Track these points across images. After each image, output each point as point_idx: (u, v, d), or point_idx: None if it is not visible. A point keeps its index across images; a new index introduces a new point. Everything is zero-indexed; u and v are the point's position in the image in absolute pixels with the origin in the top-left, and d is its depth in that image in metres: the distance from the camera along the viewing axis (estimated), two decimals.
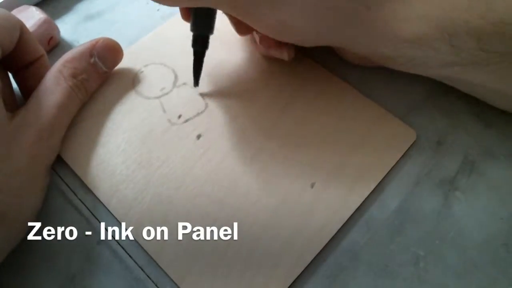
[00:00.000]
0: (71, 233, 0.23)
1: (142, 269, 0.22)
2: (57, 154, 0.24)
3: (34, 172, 0.22)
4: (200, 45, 0.25)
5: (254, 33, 0.26)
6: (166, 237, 0.22)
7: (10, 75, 0.25)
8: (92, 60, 0.25)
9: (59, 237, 0.23)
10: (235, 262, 0.21)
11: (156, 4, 0.32)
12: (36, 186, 0.22)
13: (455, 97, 0.26)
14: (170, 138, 0.25)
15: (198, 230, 0.22)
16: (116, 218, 0.23)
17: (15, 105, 0.25)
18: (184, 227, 0.22)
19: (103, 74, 0.27)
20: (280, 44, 0.25)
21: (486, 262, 0.21)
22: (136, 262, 0.22)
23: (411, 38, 0.21)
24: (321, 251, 0.22)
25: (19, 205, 0.21)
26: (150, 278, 0.21)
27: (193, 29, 0.25)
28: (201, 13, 0.24)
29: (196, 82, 0.26)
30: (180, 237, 0.22)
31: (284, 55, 0.26)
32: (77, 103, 0.25)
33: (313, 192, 0.23)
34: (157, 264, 0.22)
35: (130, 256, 0.22)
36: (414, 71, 0.24)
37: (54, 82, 0.24)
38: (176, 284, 0.21)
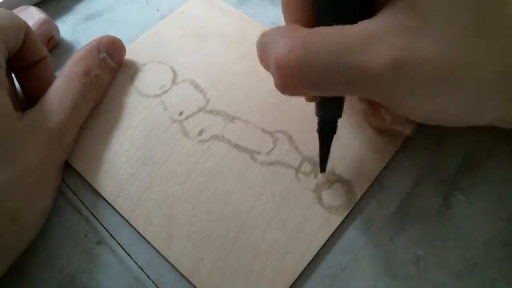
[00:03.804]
0: (71, 233, 0.23)
1: (142, 269, 0.22)
2: None
3: (45, 172, 0.22)
4: (328, 130, 0.22)
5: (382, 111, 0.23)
6: (173, 233, 0.22)
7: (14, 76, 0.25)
8: (101, 55, 0.26)
9: (58, 238, 0.23)
10: (243, 255, 0.21)
11: (156, 4, 0.33)
12: (47, 186, 0.22)
13: None
14: (173, 135, 0.25)
15: (205, 224, 0.22)
16: (116, 218, 0.23)
17: (18, 105, 0.25)
18: (191, 222, 0.22)
19: (112, 70, 0.27)
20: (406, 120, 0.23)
21: (486, 262, 0.21)
22: (136, 262, 0.22)
23: None
24: (321, 250, 0.22)
25: (31, 205, 0.21)
26: (150, 279, 0.21)
27: (320, 113, 0.21)
28: (332, 96, 0.20)
29: (323, 168, 0.23)
30: (187, 233, 0.22)
31: (407, 130, 0.23)
32: (90, 102, 0.25)
33: (317, 182, 0.23)
34: (157, 263, 0.22)
35: (130, 256, 0.22)
36: None
37: (67, 82, 0.24)
38: (186, 278, 0.21)
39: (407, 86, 0.17)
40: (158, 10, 0.32)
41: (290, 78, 0.17)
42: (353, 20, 0.17)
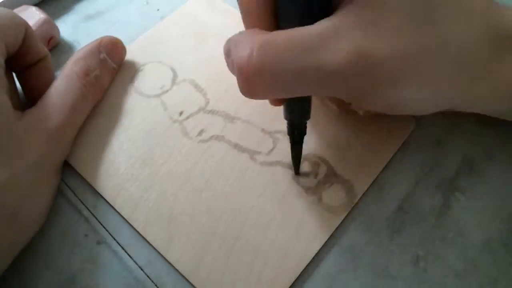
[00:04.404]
0: (71, 233, 0.23)
1: (142, 269, 0.22)
2: None
3: (44, 171, 0.22)
4: (298, 133, 0.22)
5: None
6: (173, 233, 0.22)
7: (14, 75, 0.25)
8: (101, 56, 0.26)
9: (59, 237, 0.23)
10: (243, 255, 0.21)
11: (156, 4, 0.33)
12: (46, 185, 0.22)
13: None
14: (173, 135, 0.25)
15: (205, 224, 0.22)
16: (116, 218, 0.23)
17: (18, 104, 0.25)
18: (191, 222, 0.22)
19: (112, 70, 0.27)
20: None
21: (486, 262, 0.21)
22: (136, 262, 0.22)
23: None
24: (321, 250, 0.22)
25: (30, 204, 0.21)
26: (150, 278, 0.21)
27: (289, 116, 0.22)
28: (298, 98, 0.20)
29: (297, 170, 0.24)
30: (187, 233, 0.22)
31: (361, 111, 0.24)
32: (90, 102, 0.25)
33: (317, 182, 0.23)
34: (157, 263, 0.22)
35: (130, 256, 0.22)
36: None
37: (67, 82, 0.24)
38: (186, 278, 0.21)
39: (369, 79, 0.17)
40: (158, 10, 0.32)
41: (252, 82, 0.17)
42: (314, 21, 0.17)
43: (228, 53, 0.20)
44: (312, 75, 0.17)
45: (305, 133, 0.22)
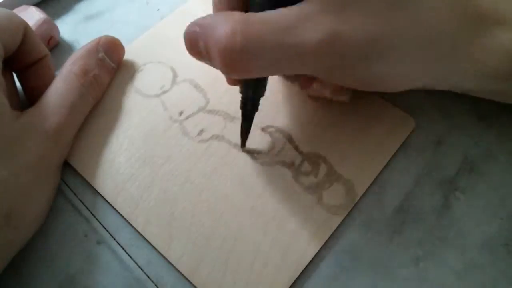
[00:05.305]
0: (71, 233, 0.23)
1: (142, 270, 0.22)
2: None
3: (42, 172, 0.22)
4: (250, 108, 0.23)
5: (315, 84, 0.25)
6: (174, 233, 0.22)
7: (14, 75, 0.25)
8: (100, 55, 0.26)
9: (58, 238, 0.23)
10: (243, 255, 0.21)
11: (156, 4, 0.33)
12: (44, 185, 0.22)
13: (455, 97, 0.26)
14: (173, 135, 0.25)
15: (205, 224, 0.22)
16: (116, 218, 0.23)
17: (18, 104, 0.25)
18: (191, 222, 0.22)
19: (112, 69, 0.27)
20: (341, 88, 0.24)
21: (486, 262, 0.21)
22: (136, 263, 0.22)
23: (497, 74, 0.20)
24: (321, 250, 0.22)
25: (26, 205, 0.21)
26: (150, 279, 0.21)
27: (244, 92, 0.22)
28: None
29: (244, 144, 0.24)
30: (188, 232, 0.22)
31: (345, 98, 0.24)
32: (89, 102, 0.25)
33: (317, 182, 0.23)
34: (157, 263, 0.22)
35: (130, 256, 0.22)
36: (498, 99, 0.24)
37: (65, 82, 0.24)
38: (187, 279, 0.21)
39: (342, 58, 0.18)
40: (158, 10, 0.32)
41: (236, 61, 0.18)
42: (286, 5, 0.18)
43: (195, 37, 0.20)
44: (290, 54, 0.18)
45: (257, 110, 0.23)
